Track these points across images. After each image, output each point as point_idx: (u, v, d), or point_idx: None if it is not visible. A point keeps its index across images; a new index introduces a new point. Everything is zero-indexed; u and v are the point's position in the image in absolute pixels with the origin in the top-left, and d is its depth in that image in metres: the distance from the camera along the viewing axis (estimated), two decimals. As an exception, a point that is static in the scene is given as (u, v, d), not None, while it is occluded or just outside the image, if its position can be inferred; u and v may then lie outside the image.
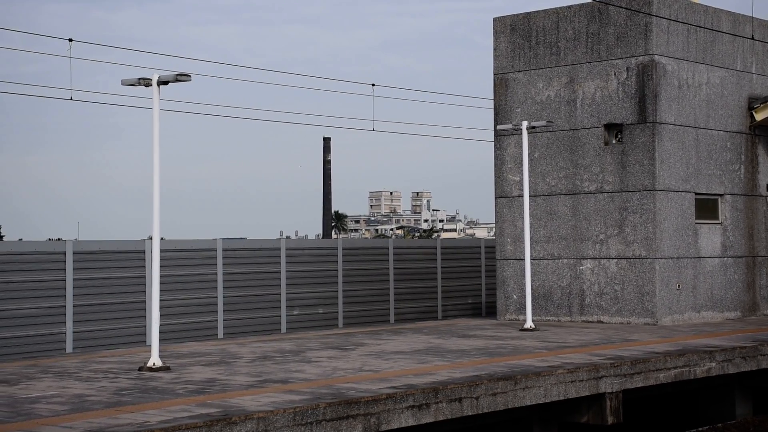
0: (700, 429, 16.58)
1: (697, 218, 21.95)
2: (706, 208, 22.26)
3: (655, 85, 21.00)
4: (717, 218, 22.54)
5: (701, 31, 22.12)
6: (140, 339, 19.85)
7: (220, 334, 21.35)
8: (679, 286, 21.40)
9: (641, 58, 21.15)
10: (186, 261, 20.96)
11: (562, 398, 13.35)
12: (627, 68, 21.32)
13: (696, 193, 21.93)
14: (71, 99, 22.49)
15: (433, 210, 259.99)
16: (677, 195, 21.46)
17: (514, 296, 22.79)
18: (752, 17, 23.39)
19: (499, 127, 22.05)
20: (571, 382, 13.45)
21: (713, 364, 15.83)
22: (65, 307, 18.88)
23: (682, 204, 21.57)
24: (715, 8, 22.59)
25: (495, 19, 23.34)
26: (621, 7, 21.27)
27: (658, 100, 21.03)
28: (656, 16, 21.00)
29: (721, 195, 22.59)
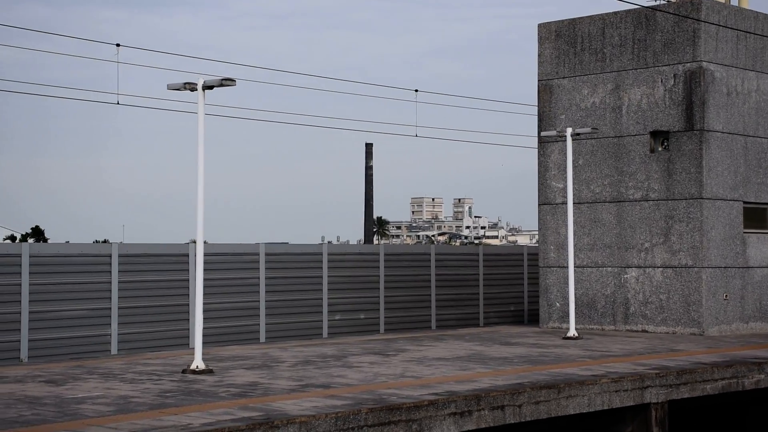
0: (747, 442, 16.30)
1: (745, 227, 21.60)
2: (755, 217, 21.90)
3: (702, 92, 20.72)
4: (766, 228, 22.17)
5: (751, 38, 21.80)
6: (183, 342, 19.98)
7: (262, 338, 21.43)
8: (726, 296, 21.07)
9: (689, 64, 20.88)
10: (229, 265, 21.07)
11: (606, 408, 13.20)
12: (674, 75, 21.07)
13: (744, 202, 21.60)
14: (118, 103, 22.76)
15: (475, 216, 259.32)
16: (725, 204, 21.15)
17: (557, 304, 22.60)
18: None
19: (543, 133, 21.90)
20: (616, 391, 13.29)
21: (762, 376, 15.54)
22: (110, 309, 19.06)
23: (729, 213, 21.25)
24: (766, 14, 22.25)
25: (540, 25, 23.20)
26: (669, 12, 21.03)
27: (705, 108, 20.75)
28: (705, 22, 20.73)
29: (769, 204, 22.21)
